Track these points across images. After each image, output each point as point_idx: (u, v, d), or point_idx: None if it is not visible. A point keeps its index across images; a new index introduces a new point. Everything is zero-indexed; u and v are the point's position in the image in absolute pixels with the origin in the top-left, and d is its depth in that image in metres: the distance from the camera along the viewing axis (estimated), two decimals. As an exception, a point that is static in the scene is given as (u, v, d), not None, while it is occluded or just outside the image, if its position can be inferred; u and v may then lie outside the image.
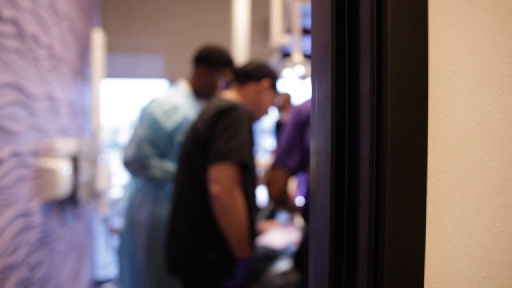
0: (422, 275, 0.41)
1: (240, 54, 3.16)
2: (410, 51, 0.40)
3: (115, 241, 3.44)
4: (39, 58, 1.64)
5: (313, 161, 0.51)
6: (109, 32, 3.61)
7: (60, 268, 2.01)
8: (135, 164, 2.06)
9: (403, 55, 0.40)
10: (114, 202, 3.26)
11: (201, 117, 1.66)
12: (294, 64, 2.21)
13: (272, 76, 1.80)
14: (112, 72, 3.93)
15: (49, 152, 1.76)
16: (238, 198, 1.52)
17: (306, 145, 1.67)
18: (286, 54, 3.62)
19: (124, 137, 5.65)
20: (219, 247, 1.58)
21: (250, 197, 1.64)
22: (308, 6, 2.70)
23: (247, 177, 1.61)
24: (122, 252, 2.29)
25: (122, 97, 5.32)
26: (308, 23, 3.25)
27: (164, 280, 2.11)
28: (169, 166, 2.10)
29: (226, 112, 1.58)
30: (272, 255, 1.99)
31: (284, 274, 1.91)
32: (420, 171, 0.40)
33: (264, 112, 1.82)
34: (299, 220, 2.06)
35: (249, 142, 1.56)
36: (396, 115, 0.39)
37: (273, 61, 2.61)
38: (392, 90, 0.39)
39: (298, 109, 1.74)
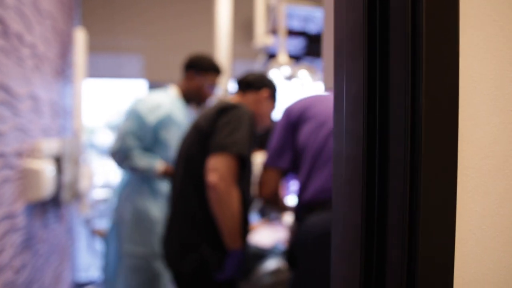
0: (453, 267, 0.42)
1: (223, 54, 3.16)
2: (443, 55, 0.42)
3: (97, 242, 3.40)
4: (23, 57, 1.62)
5: (338, 165, 0.52)
6: (89, 31, 3.56)
7: (43, 271, 1.98)
8: (120, 155, 2.23)
9: (437, 60, 0.42)
10: (96, 203, 3.22)
11: (203, 115, 1.74)
12: (280, 65, 2.23)
13: (271, 87, 1.90)
14: (91, 71, 3.88)
15: (33, 153, 1.73)
16: (234, 189, 1.58)
17: (298, 146, 1.68)
18: (269, 55, 3.64)
19: (101, 138, 5.58)
20: (214, 239, 1.63)
21: (245, 193, 1.69)
22: (293, 7, 2.72)
23: (244, 173, 1.67)
24: (108, 244, 2.45)
25: (98, 97, 5.26)
26: (293, 24, 3.28)
27: (147, 269, 2.30)
28: (153, 158, 2.27)
29: (229, 110, 1.66)
30: (260, 254, 2.01)
31: (273, 272, 1.92)
32: (451, 170, 0.42)
33: (263, 120, 1.90)
34: (287, 219, 2.07)
35: (249, 139, 1.63)
36: (430, 117, 0.41)
37: (259, 62, 2.62)
38: (427, 92, 0.40)
39: (289, 110, 1.76)
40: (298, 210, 1.67)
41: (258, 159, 2.22)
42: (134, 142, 2.22)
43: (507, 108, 0.46)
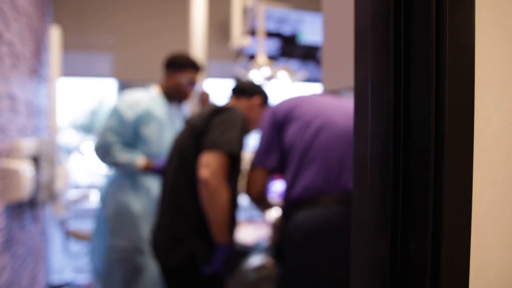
0: (469, 252, 0.47)
1: (198, 55, 3.17)
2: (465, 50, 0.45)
3: (72, 243, 3.35)
4: (2, 56, 1.59)
5: (360, 168, 0.54)
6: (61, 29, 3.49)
7: (20, 273, 1.94)
8: (101, 151, 2.30)
9: (457, 59, 0.45)
10: (70, 204, 3.16)
11: (198, 114, 1.83)
12: (260, 66, 2.26)
13: (263, 95, 2.02)
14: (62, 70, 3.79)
15: (12, 153, 1.71)
16: (225, 185, 1.65)
17: (284, 145, 1.72)
18: (248, 56, 3.67)
19: (66, 137, 5.47)
20: (203, 233, 1.69)
21: (233, 191, 1.75)
22: (272, 9, 2.76)
23: (233, 171, 1.74)
24: (95, 239, 2.51)
25: (65, 96, 5.15)
26: (268, 25, 3.32)
27: (130, 262, 2.36)
28: (134, 153, 2.33)
29: (223, 111, 1.76)
30: (244, 251, 2.04)
31: (257, 269, 1.96)
32: (469, 169, 0.46)
33: (253, 125, 1.99)
34: (269, 216, 2.11)
35: (240, 139, 1.71)
36: (454, 116, 0.44)
37: (239, 63, 2.65)
38: (450, 93, 0.44)
39: (274, 111, 1.79)
40: (286, 208, 1.71)
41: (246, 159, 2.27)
42: (114, 137, 2.28)
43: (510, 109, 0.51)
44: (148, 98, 2.38)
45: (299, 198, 1.63)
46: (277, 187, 2.76)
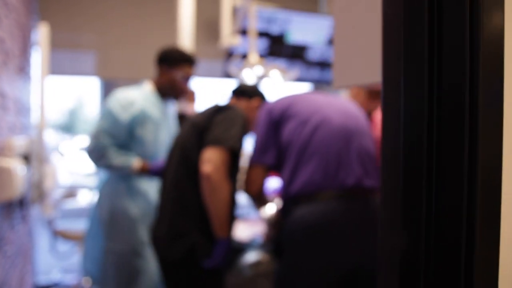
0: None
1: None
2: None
3: (59, 243, 3.31)
4: (-6, 52, 1.57)
5: (389, 167, 0.54)
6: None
7: (10, 273, 1.92)
8: (95, 154, 2.23)
9: (490, 48, 0.46)
10: (58, 203, 3.13)
11: (200, 113, 1.88)
12: (252, 65, 2.28)
13: (262, 97, 2.08)
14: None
15: (3, 151, 1.69)
16: (226, 180, 1.69)
17: (281, 143, 1.75)
18: (240, 56, 3.68)
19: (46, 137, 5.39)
20: (204, 227, 1.73)
21: (233, 187, 1.79)
22: (261, 9, 2.78)
23: (233, 168, 1.78)
24: (89, 241, 2.48)
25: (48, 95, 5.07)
26: (259, 25, 3.33)
27: (128, 266, 2.32)
28: (129, 155, 2.27)
29: (225, 109, 1.81)
30: (239, 247, 2.06)
31: (253, 265, 1.98)
32: (499, 165, 0.47)
33: (252, 126, 2.03)
34: (264, 213, 2.13)
35: (241, 136, 1.77)
36: (486, 113, 0.46)
37: (232, 62, 2.66)
38: (483, 86, 0.45)
39: (270, 109, 1.82)
40: (284, 204, 1.74)
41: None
42: (108, 140, 2.21)
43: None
44: (142, 97, 2.32)
45: (298, 194, 1.65)
46: (272, 184, 2.79)
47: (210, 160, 1.66)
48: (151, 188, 2.40)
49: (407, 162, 0.51)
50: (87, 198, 5.41)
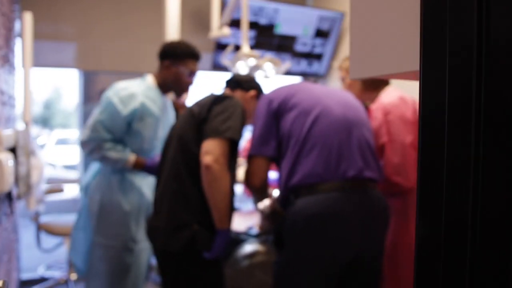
0: None
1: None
2: None
3: (44, 238, 3.25)
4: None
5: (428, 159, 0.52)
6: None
7: (-3, 268, 1.87)
8: (91, 145, 2.16)
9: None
10: (43, 198, 3.06)
11: (197, 104, 1.85)
12: (245, 56, 2.26)
13: (259, 89, 2.06)
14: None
15: (-8, 144, 1.64)
16: (227, 171, 1.69)
17: (281, 133, 1.74)
18: (220, 45, 3.65)
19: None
20: (204, 218, 1.72)
21: (232, 178, 1.78)
22: (252, 1, 2.75)
23: (232, 159, 1.77)
24: (77, 234, 2.42)
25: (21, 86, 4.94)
26: (253, 17, 3.30)
27: (117, 261, 2.27)
28: (126, 150, 2.22)
29: (223, 99, 1.79)
30: (235, 239, 2.05)
31: (249, 256, 1.98)
32: None
33: (248, 118, 1.99)
34: (260, 205, 2.13)
35: (241, 127, 1.76)
36: None
37: (226, 55, 2.62)
38: None
39: (269, 100, 1.80)
40: (285, 195, 1.73)
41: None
42: (105, 133, 2.15)
43: None
44: (144, 92, 2.23)
45: (299, 186, 1.65)
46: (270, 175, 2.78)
47: (211, 151, 1.65)
48: (145, 184, 2.34)
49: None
50: (72, 192, 5.30)
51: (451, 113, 0.50)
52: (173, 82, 2.31)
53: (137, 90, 2.20)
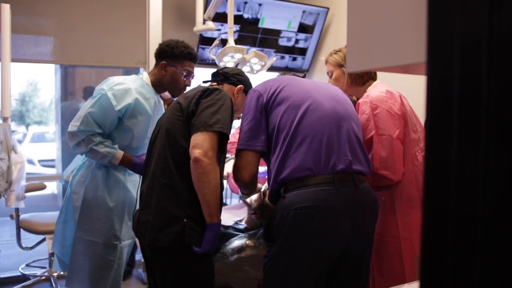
0: None
1: (155, 40, 3.09)
2: None
3: (25, 236, 3.19)
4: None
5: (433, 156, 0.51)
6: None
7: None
8: (80, 137, 2.12)
9: None
10: (23, 195, 2.99)
11: (183, 96, 1.82)
12: (231, 51, 2.25)
13: (246, 84, 2.05)
14: None
15: (-28, 140, 1.59)
16: (216, 165, 1.67)
17: (271, 127, 1.73)
18: (204, 39, 3.61)
19: None
20: (194, 212, 1.69)
21: (220, 171, 1.76)
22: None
23: (220, 152, 1.76)
24: (60, 229, 2.38)
25: None
26: (226, 10, 3.26)
27: (100, 257, 2.26)
28: (113, 145, 2.20)
29: (211, 92, 1.76)
30: (223, 233, 2.04)
31: (237, 250, 1.97)
32: None
33: (236, 112, 2.01)
34: (246, 199, 2.12)
35: (230, 120, 1.74)
36: None
37: (214, 49, 2.59)
38: None
39: (258, 93, 1.79)
40: (275, 189, 1.72)
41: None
42: (96, 126, 2.12)
43: None
44: (138, 88, 2.20)
45: (289, 179, 1.65)
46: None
47: (200, 145, 1.64)
48: (129, 181, 2.32)
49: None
50: (50, 188, 5.19)
51: (460, 108, 0.49)
52: (169, 83, 2.29)
53: (132, 86, 2.18)
